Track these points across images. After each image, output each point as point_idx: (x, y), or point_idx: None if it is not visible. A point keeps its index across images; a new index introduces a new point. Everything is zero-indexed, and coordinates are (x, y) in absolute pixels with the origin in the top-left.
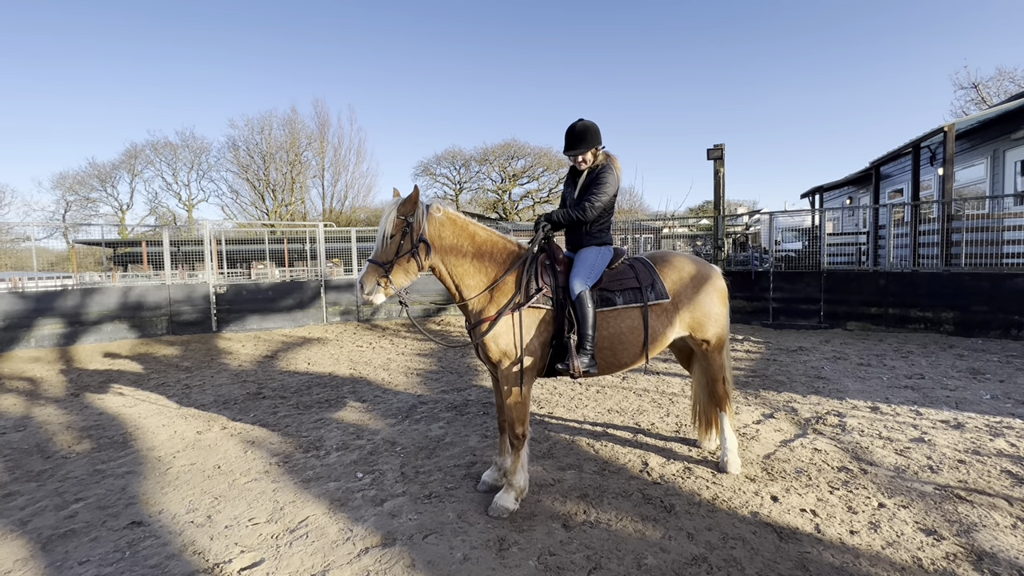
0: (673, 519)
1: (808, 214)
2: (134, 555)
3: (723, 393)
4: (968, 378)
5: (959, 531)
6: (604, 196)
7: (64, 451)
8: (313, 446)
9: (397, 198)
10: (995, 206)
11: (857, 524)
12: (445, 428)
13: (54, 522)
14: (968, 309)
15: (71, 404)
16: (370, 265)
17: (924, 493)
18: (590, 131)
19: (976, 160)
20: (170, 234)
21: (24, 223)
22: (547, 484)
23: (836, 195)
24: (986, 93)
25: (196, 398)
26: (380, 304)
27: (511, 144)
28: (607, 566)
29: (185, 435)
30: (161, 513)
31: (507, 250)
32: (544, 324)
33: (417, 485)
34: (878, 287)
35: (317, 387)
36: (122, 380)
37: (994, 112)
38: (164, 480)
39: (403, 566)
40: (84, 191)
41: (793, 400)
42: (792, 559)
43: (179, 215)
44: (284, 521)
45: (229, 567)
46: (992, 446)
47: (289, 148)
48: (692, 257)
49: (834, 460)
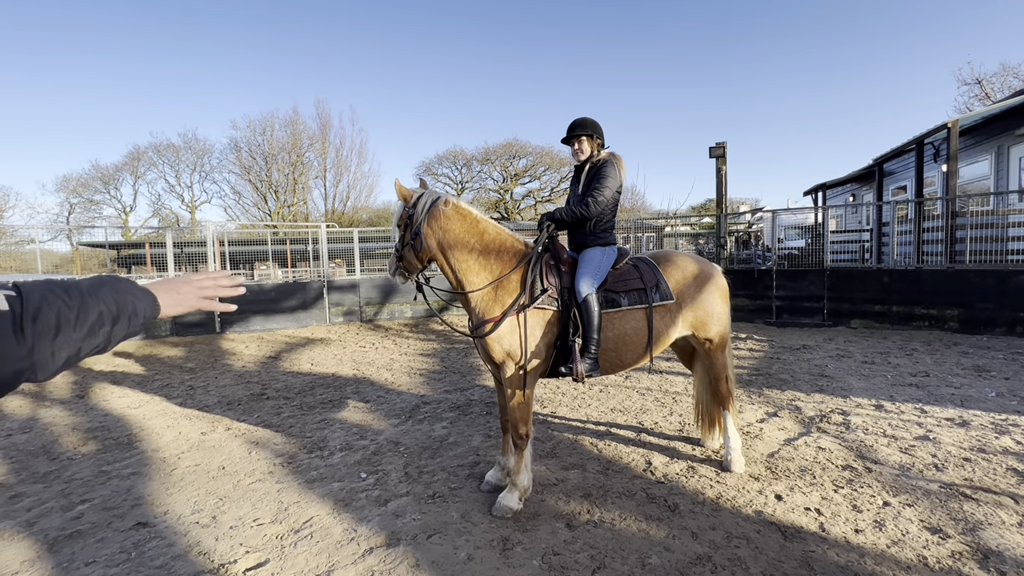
0: (677, 518)
1: (811, 212)
2: (140, 556)
3: (726, 392)
4: (973, 375)
5: (965, 529)
6: (607, 191)
7: (70, 452)
8: (317, 447)
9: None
10: (1000, 202)
11: (862, 523)
12: (448, 428)
13: (60, 523)
14: (973, 306)
15: (76, 406)
16: (392, 253)
17: (929, 491)
18: (589, 121)
19: (980, 156)
20: (173, 236)
21: (28, 226)
22: (551, 484)
23: (839, 192)
24: (990, 89)
25: (200, 399)
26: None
27: (513, 143)
28: (611, 565)
29: (190, 436)
30: (166, 514)
31: (514, 249)
32: (549, 325)
33: (421, 485)
34: (882, 285)
35: (320, 388)
36: (127, 381)
37: (998, 108)
38: (169, 481)
39: (407, 566)
40: (87, 193)
41: (797, 398)
42: (797, 558)
43: (182, 217)
44: (289, 521)
45: (234, 567)
46: (998, 444)
47: (291, 149)
48: (694, 256)
49: (838, 458)
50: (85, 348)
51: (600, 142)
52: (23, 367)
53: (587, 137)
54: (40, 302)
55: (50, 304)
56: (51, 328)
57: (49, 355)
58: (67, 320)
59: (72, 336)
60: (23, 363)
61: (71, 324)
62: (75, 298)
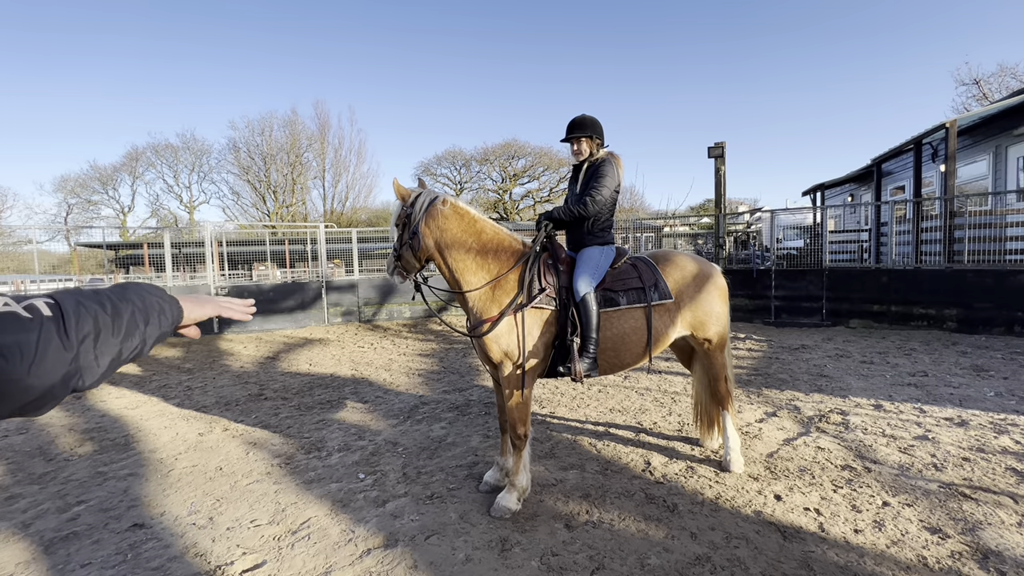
0: (676, 519)
1: (810, 212)
2: (136, 557)
3: (725, 392)
4: (972, 375)
5: (964, 529)
6: (605, 189)
7: (66, 454)
8: (315, 447)
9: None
10: (998, 202)
11: (861, 523)
12: (447, 428)
13: (56, 525)
14: (971, 306)
15: (73, 406)
16: (391, 252)
17: (928, 491)
18: (589, 120)
19: (978, 156)
20: (171, 236)
21: (26, 226)
22: (549, 484)
23: (838, 192)
24: (987, 89)
25: (198, 400)
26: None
27: (511, 144)
28: (610, 566)
29: (187, 437)
30: (163, 515)
31: (512, 248)
32: (547, 325)
33: (419, 486)
34: (880, 284)
35: (319, 388)
36: (124, 382)
37: (996, 108)
38: (166, 482)
39: (405, 567)
40: (86, 194)
41: (796, 398)
42: (796, 558)
43: (180, 217)
44: (286, 523)
45: (231, 569)
46: (997, 443)
47: (290, 149)
48: (693, 256)
49: (837, 458)
50: (125, 350)
51: (599, 141)
52: (71, 371)
53: (586, 138)
54: (77, 307)
55: (87, 309)
56: (91, 332)
57: (93, 359)
58: (105, 324)
59: (111, 340)
60: (71, 367)
61: (109, 328)
62: (107, 303)
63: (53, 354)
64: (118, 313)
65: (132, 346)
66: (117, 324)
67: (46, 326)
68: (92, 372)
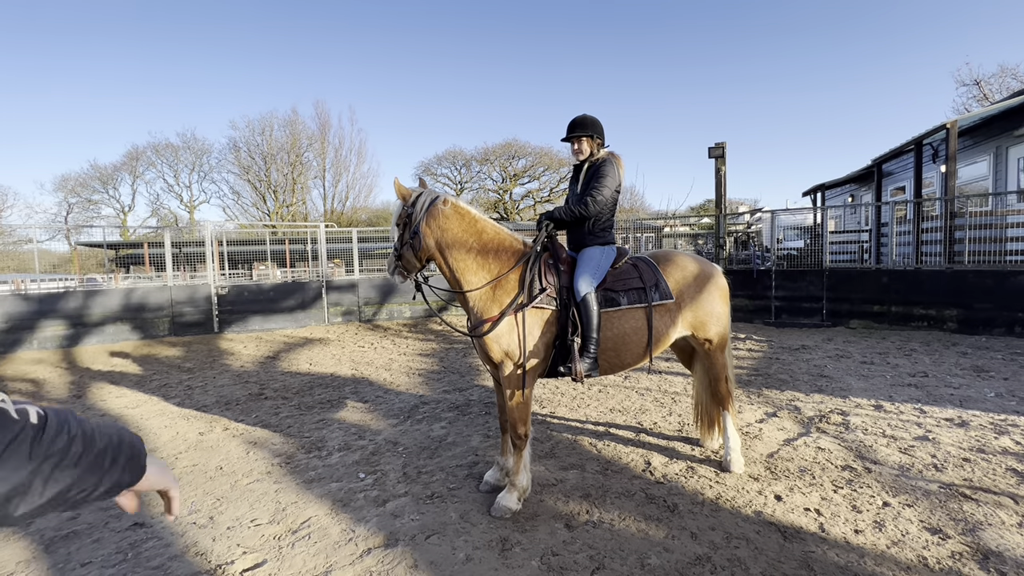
0: (676, 519)
1: (810, 212)
2: (136, 557)
3: (725, 392)
4: (972, 376)
5: (964, 530)
6: (606, 189)
7: None
8: (315, 447)
9: (417, 188)
10: (998, 203)
11: (862, 523)
12: (447, 428)
13: (56, 523)
14: (971, 307)
15: (73, 405)
16: (391, 252)
17: (929, 492)
18: (589, 120)
19: (979, 157)
20: (172, 235)
21: (26, 225)
22: (549, 484)
23: (838, 193)
24: (988, 89)
25: (198, 399)
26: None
27: (512, 144)
28: (610, 566)
29: (187, 436)
30: (163, 514)
31: (512, 248)
32: (548, 325)
33: (419, 485)
34: (881, 285)
35: (319, 388)
36: (124, 382)
37: (997, 109)
38: None
39: (406, 567)
40: (86, 193)
41: (796, 399)
42: (796, 558)
43: (181, 216)
44: (286, 522)
45: (231, 568)
46: (997, 444)
47: (290, 149)
48: (694, 256)
49: (838, 459)
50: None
51: (600, 141)
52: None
53: (587, 137)
54: (60, 423)
55: (68, 426)
56: (60, 451)
57: (42, 482)
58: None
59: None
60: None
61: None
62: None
63: (15, 460)
64: (92, 441)
65: (84, 484)
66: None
67: (25, 431)
68: (33, 498)
